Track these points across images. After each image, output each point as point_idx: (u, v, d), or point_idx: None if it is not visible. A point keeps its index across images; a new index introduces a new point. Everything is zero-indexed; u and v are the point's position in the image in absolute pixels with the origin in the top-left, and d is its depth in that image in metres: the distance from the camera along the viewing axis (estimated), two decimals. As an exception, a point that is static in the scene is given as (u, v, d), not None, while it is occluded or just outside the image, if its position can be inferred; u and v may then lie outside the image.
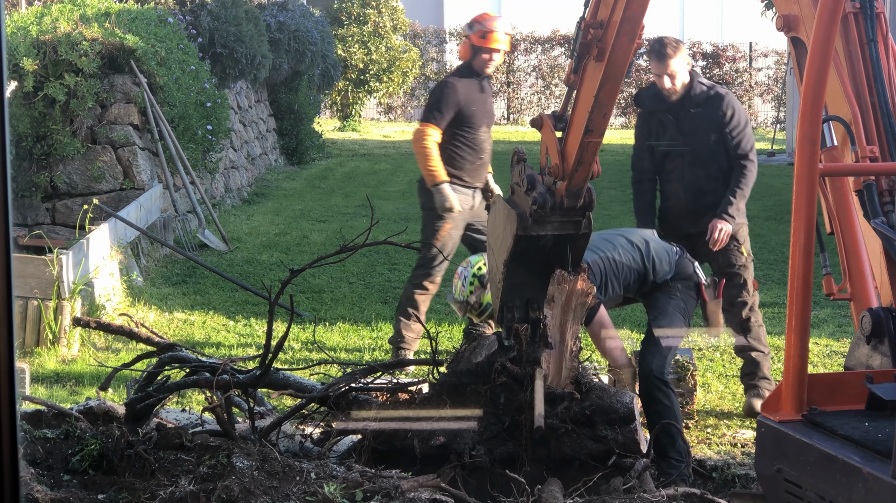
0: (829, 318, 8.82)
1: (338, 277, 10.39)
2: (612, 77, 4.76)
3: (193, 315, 9.00)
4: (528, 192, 4.99)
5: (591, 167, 4.97)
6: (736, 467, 5.62)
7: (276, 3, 18.77)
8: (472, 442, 4.98)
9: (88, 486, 4.59)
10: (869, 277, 4.22)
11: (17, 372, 1.99)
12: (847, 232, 4.28)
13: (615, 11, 4.67)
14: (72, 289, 7.82)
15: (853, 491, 3.36)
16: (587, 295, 5.08)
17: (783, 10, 4.36)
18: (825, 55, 3.54)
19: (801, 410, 3.64)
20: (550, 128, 5.07)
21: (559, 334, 5.08)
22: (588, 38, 4.75)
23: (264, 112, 18.59)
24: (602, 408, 5.06)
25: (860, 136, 4.07)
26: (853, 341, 4.01)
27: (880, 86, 4.10)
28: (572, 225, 5.04)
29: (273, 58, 16.91)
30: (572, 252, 5.09)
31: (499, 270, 5.15)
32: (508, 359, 5.07)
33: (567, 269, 5.07)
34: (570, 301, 5.04)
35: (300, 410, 5.43)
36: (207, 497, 4.24)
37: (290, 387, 5.63)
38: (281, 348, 5.51)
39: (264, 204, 15.03)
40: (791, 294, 3.60)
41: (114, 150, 11.00)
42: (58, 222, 10.84)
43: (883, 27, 4.17)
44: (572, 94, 4.97)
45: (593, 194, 5.05)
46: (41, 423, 5.31)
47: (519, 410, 4.99)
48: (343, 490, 4.33)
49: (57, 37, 10.63)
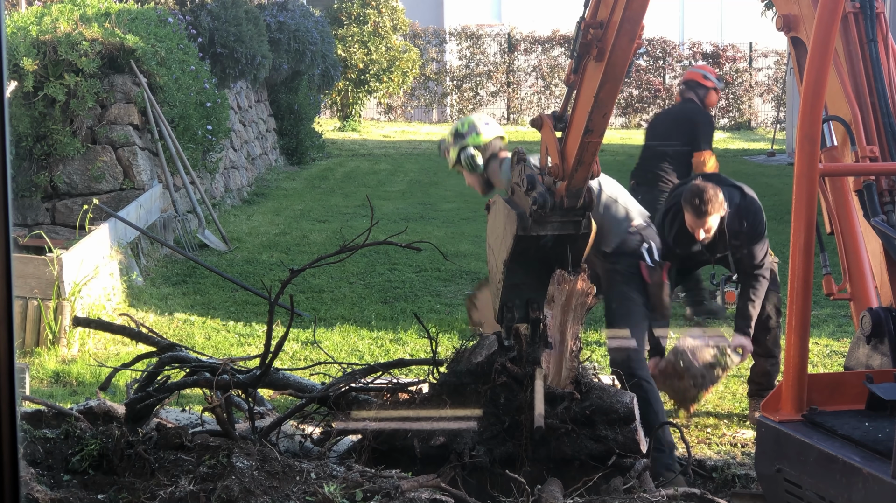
0: (829, 318, 8.82)
1: (338, 277, 10.39)
2: (611, 77, 4.76)
3: (193, 315, 9.00)
4: (528, 192, 4.99)
5: (591, 167, 4.97)
6: (736, 467, 5.62)
7: (276, 3, 18.78)
8: (472, 442, 4.98)
9: (88, 486, 4.59)
10: (869, 277, 4.23)
11: (17, 372, 1.99)
12: (847, 232, 4.28)
13: (615, 11, 4.67)
14: (72, 289, 7.82)
15: (853, 491, 3.36)
16: (587, 295, 5.08)
17: (783, 10, 4.36)
18: (825, 55, 3.54)
19: (801, 410, 3.64)
20: (550, 128, 5.07)
21: (559, 334, 5.08)
22: (588, 38, 4.76)
23: (264, 112, 18.59)
24: (602, 408, 5.06)
25: (860, 136, 4.07)
26: (853, 341, 4.01)
27: (880, 86, 4.10)
28: (572, 225, 5.04)
29: (273, 58, 16.91)
30: (572, 252, 5.09)
31: (499, 270, 5.14)
32: (508, 360, 5.07)
33: (567, 269, 5.07)
34: (570, 301, 5.04)
35: (300, 410, 5.43)
36: (207, 497, 4.24)
37: (290, 388, 5.63)
38: (281, 348, 5.51)
39: (264, 204, 15.03)
40: (791, 294, 3.60)
41: (114, 150, 11.00)
42: (58, 222, 10.84)
43: (883, 27, 4.17)
44: (572, 94, 4.97)
45: (593, 194, 5.05)
46: (41, 423, 5.31)
47: (519, 410, 4.99)
48: (343, 490, 4.33)
49: (57, 37, 10.63)
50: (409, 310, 9.06)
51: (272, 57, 16.79)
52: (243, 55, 14.95)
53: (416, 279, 10.43)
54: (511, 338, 5.11)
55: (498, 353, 5.14)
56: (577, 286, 5.04)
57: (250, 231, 12.85)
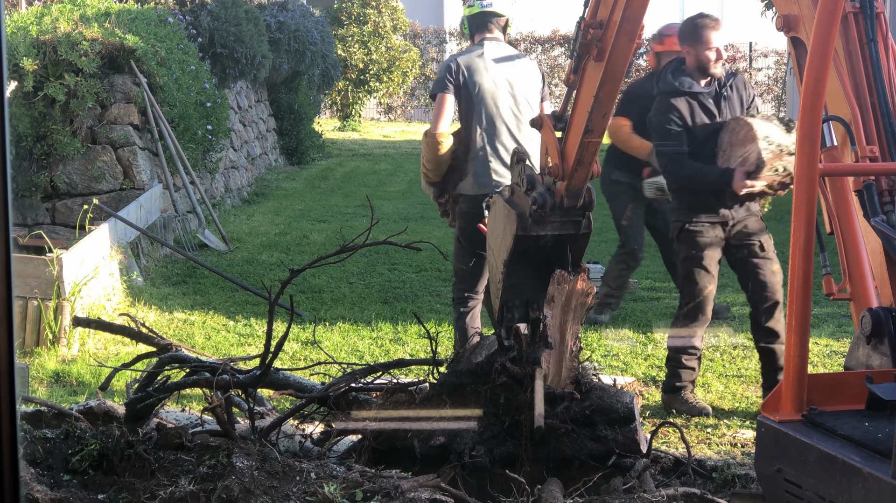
0: (829, 318, 8.82)
1: (338, 277, 10.39)
2: (611, 77, 4.77)
3: (193, 315, 9.00)
4: (527, 192, 4.99)
5: (591, 167, 4.97)
6: (736, 467, 5.61)
7: (276, 3, 18.77)
8: (472, 442, 4.98)
9: (88, 486, 4.59)
10: (869, 277, 4.22)
11: (17, 372, 1.99)
12: (847, 232, 4.28)
13: (615, 11, 4.67)
14: (72, 289, 7.82)
15: (853, 491, 3.36)
16: (587, 295, 5.08)
17: (783, 9, 4.36)
18: (825, 55, 3.54)
19: (800, 410, 3.64)
20: (550, 128, 5.07)
21: (559, 334, 5.08)
22: (588, 38, 4.76)
23: (264, 112, 18.59)
24: (602, 408, 5.06)
25: (860, 136, 4.07)
26: (853, 341, 4.01)
27: (880, 86, 4.10)
28: (572, 225, 5.04)
29: (273, 58, 16.91)
30: (572, 252, 5.09)
31: (498, 270, 5.14)
32: (508, 359, 5.07)
33: (567, 269, 5.07)
34: (570, 301, 5.04)
35: (300, 410, 5.43)
36: (207, 497, 4.24)
37: (290, 387, 5.63)
38: (281, 348, 5.51)
39: (264, 204, 15.03)
40: (791, 294, 3.60)
41: (114, 150, 11.00)
42: (58, 222, 10.84)
43: (883, 27, 4.17)
44: (572, 94, 4.97)
45: (593, 194, 5.05)
46: (41, 423, 5.31)
47: (519, 410, 4.99)
48: (343, 490, 4.33)
49: (57, 37, 10.63)
50: (409, 310, 9.06)
51: (272, 57, 16.79)
52: (243, 55, 14.95)
53: (416, 279, 10.43)
54: (511, 338, 5.11)
55: (498, 353, 5.14)
56: (577, 286, 5.04)
57: (250, 231, 12.85)
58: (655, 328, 8.67)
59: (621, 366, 7.62)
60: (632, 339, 8.36)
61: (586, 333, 8.41)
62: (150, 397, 5.41)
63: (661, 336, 8.42)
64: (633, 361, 7.72)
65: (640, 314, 9.11)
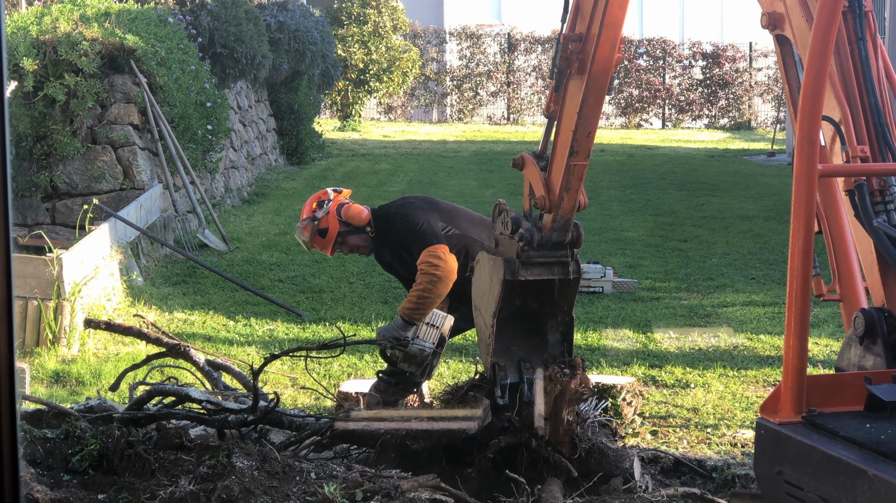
0: (829, 318, 8.82)
1: (338, 277, 10.40)
2: (594, 89, 4.69)
3: (193, 315, 9.00)
4: (513, 233, 4.88)
5: (578, 196, 4.84)
6: (736, 467, 5.61)
7: (276, 3, 18.78)
8: (473, 441, 4.97)
9: (88, 486, 4.59)
10: (858, 278, 4.23)
11: (17, 372, 1.99)
12: (836, 232, 4.28)
13: (593, 20, 4.63)
14: (72, 289, 7.82)
15: (857, 493, 3.35)
16: (581, 394, 4.91)
17: (767, 7, 4.35)
18: (824, 56, 3.54)
19: (800, 412, 3.63)
20: (533, 163, 4.96)
21: (553, 411, 4.90)
22: (568, 52, 4.72)
23: (264, 112, 18.59)
24: (600, 472, 4.97)
25: (850, 136, 4.06)
26: (844, 342, 4.00)
27: (870, 85, 4.10)
28: (560, 267, 4.91)
29: (273, 58, 16.91)
30: (563, 298, 4.94)
31: (487, 326, 4.99)
32: (503, 429, 4.93)
33: (556, 316, 4.95)
34: (564, 393, 4.87)
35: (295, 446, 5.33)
36: (207, 497, 4.24)
37: (286, 427, 5.53)
38: (276, 406, 5.44)
39: (264, 204, 15.04)
40: (790, 294, 3.60)
41: (114, 150, 11.00)
42: (58, 222, 10.84)
43: (871, 26, 4.17)
44: (553, 125, 4.87)
45: (581, 229, 4.95)
46: (41, 423, 5.31)
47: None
48: (343, 490, 4.33)
49: (57, 37, 10.63)
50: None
51: (272, 57, 16.78)
52: (243, 55, 14.95)
53: (416, 279, 10.42)
54: (505, 397, 4.96)
55: (492, 413, 4.97)
56: (571, 386, 4.86)
57: (250, 231, 12.85)
58: (655, 328, 8.67)
59: (621, 366, 7.62)
60: (632, 339, 8.36)
61: (586, 333, 8.41)
62: (145, 418, 5.34)
63: (661, 336, 8.42)
64: (634, 361, 7.72)
65: (640, 314, 9.11)
